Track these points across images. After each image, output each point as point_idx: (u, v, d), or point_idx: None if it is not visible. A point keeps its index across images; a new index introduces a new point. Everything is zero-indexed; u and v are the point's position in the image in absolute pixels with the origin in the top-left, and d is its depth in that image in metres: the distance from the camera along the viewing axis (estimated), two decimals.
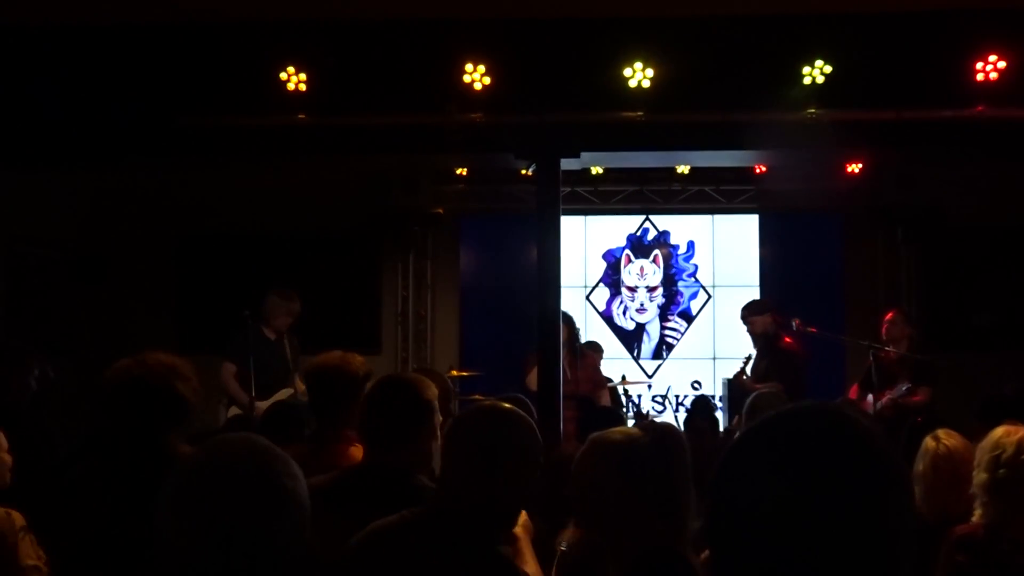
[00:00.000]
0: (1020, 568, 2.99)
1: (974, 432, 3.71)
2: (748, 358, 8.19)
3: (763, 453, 1.20)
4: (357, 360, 3.76)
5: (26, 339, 8.24)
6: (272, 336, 7.26)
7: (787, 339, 7.97)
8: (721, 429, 8.86)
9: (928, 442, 3.64)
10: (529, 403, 5.18)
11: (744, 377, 8.11)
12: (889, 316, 7.73)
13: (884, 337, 7.56)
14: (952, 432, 3.71)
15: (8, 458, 3.47)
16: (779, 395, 4.92)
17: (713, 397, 9.92)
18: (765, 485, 1.16)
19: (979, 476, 3.15)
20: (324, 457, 3.50)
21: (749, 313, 8.19)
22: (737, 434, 1.30)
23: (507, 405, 2.67)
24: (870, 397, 7.36)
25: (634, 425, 2.72)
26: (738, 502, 1.18)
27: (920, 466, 3.62)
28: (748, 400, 4.89)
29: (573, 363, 7.79)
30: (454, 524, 2.46)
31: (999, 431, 3.19)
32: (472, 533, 2.44)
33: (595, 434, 2.64)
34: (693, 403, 9.09)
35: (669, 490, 2.48)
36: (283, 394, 6.92)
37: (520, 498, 2.56)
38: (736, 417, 8.06)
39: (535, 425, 2.61)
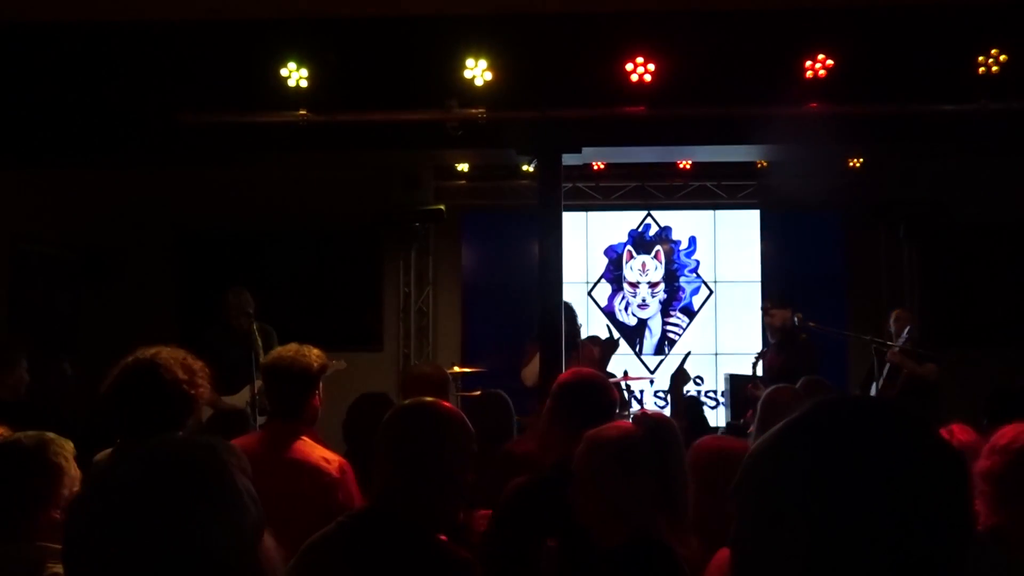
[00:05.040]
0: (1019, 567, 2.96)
1: (981, 429, 3.72)
2: (758, 358, 8.05)
3: (810, 449, 1.09)
4: (313, 353, 3.75)
5: (29, 336, 8.26)
6: (240, 331, 7.23)
7: (804, 335, 7.92)
8: (723, 424, 8.87)
9: (942, 434, 3.66)
10: (508, 400, 5.14)
11: (756, 389, 7.92)
12: (894, 315, 7.72)
13: (894, 337, 7.54)
14: (967, 427, 3.71)
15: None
16: (797, 391, 4.79)
17: (715, 392, 9.95)
18: (815, 484, 1.06)
19: (981, 466, 3.11)
20: (274, 450, 3.54)
21: (772, 306, 8.07)
22: (758, 432, 1.19)
23: (432, 401, 2.66)
24: (873, 388, 7.37)
25: (630, 418, 2.73)
26: (782, 502, 1.07)
27: None
28: (763, 396, 4.77)
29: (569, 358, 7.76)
30: (391, 523, 2.45)
31: (1010, 428, 3.15)
32: (409, 530, 2.43)
33: (591, 431, 2.65)
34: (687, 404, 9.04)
35: (665, 481, 2.51)
36: (245, 392, 6.88)
37: (456, 492, 2.55)
38: (750, 411, 8.01)
39: (465, 420, 2.60)
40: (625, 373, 8.70)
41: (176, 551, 1.37)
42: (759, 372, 7.99)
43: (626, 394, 8.72)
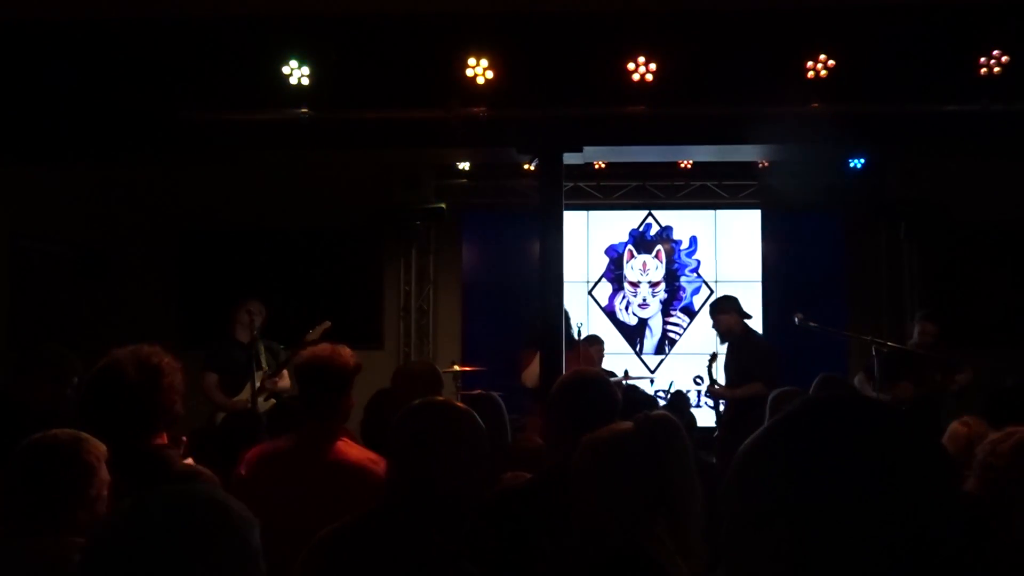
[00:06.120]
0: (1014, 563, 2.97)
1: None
2: (712, 359, 8.02)
3: (791, 449, 1.09)
4: (347, 352, 3.73)
5: (29, 333, 8.25)
6: (245, 339, 7.28)
7: (755, 336, 7.94)
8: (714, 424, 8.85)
9: (958, 428, 3.70)
10: (500, 401, 5.14)
11: (716, 387, 7.89)
12: (924, 325, 7.66)
13: (918, 345, 7.51)
14: (979, 420, 3.75)
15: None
16: (800, 393, 4.81)
17: None
18: (797, 484, 1.06)
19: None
20: (312, 451, 3.50)
21: (717, 311, 8.05)
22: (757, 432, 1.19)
23: (443, 400, 2.63)
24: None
25: (631, 418, 2.63)
26: (766, 504, 1.08)
27: (951, 449, 3.69)
28: (771, 398, 4.79)
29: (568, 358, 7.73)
30: (397, 526, 2.41)
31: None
32: (418, 529, 2.40)
33: (589, 434, 2.55)
34: (669, 399, 9.05)
35: (664, 486, 2.36)
36: (246, 392, 6.96)
37: (467, 492, 2.50)
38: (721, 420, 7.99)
39: (477, 419, 2.56)
40: (626, 373, 8.70)
41: None
42: (715, 374, 7.96)
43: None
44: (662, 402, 9.67)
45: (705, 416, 9.80)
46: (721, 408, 8.03)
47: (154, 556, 1.39)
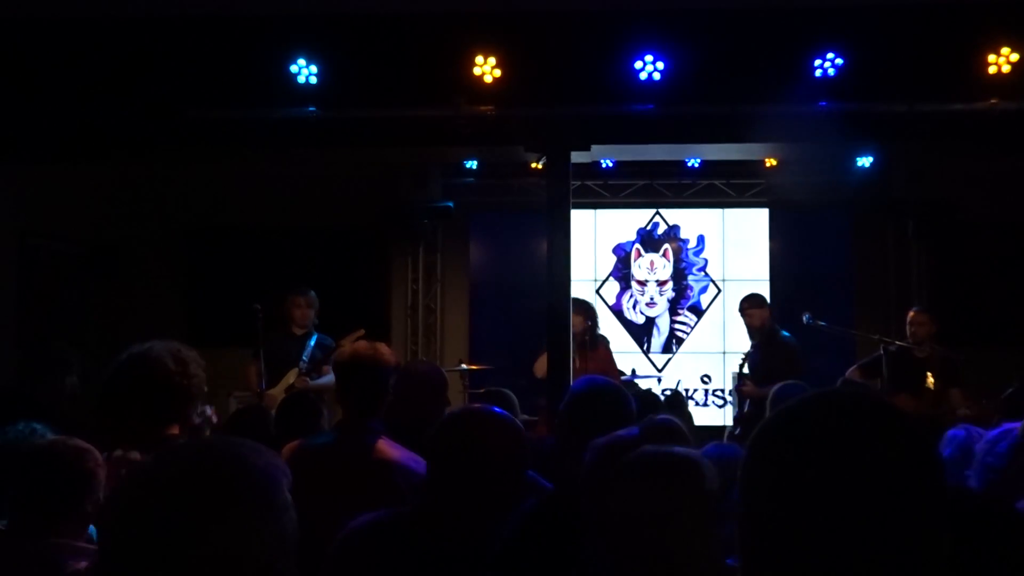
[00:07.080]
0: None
1: (993, 427, 3.75)
2: (746, 357, 7.95)
3: (774, 452, 1.12)
4: (386, 350, 3.74)
5: (38, 331, 8.28)
6: (298, 332, 7.29)
7: (784, 334, 7.91)
8: (730, 423, 8.86)
9: (960, 431, 3.73)
10: (513, 398, 5.14)
11: (746, 385, 7.90)
12: (912, 315, 7.54)
13: (910, 339, 7.44)
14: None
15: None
16: (804, 386, 4.81)
17: (723, 391, 9.94)
18: (797, 476, 1.08)
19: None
20: (353, 448, 3.49)
21: (749, 306, 8.06)
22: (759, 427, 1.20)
23: (483, 407, 2.60)
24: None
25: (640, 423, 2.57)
26: (768, 495, 1.10)
27: (952, 450, 3.71)
28: (772, 393, 4.78)
29: (584, 354, 7.73)
30: (436, 523, 2.39)
31: None
32: (453, 532, 2.37)
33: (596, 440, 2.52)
34: (667, 399, 9.03)
35: None
36: (280, 385, 6.98)
37: (505, 498, 2.47)
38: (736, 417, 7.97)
39: (519, 426, 2.54)
40: (633, 371, 8.70)
41: (216, 555, 1.32)
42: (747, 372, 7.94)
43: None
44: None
45: (709, 415, 9.82)
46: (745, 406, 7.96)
47: (170, 508, 1.35)
